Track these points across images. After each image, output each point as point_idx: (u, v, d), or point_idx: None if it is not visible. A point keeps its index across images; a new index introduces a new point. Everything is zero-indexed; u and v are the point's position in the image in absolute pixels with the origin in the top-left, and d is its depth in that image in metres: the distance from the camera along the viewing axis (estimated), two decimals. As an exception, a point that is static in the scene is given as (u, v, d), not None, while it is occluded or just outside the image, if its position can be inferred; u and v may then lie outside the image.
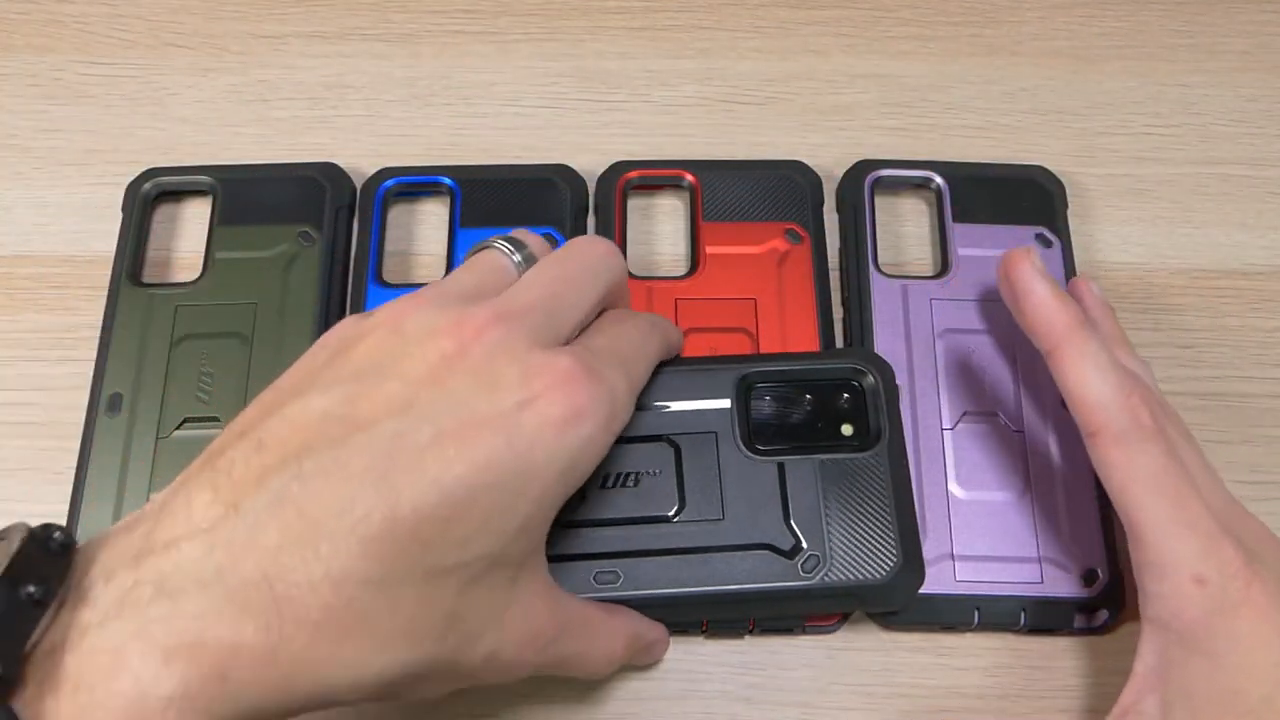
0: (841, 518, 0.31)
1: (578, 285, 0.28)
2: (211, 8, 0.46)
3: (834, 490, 0.31)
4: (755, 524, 0.31)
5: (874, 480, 0.32)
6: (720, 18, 0.46)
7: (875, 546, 0.31)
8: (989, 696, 0.34)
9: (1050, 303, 0.31)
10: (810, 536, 0.31)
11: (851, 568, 0.30)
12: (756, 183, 0.40)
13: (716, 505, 0.31)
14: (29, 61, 0.44)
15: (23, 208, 0.42)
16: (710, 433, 0.32)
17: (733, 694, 0.34)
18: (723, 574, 0.30)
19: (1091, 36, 0.45)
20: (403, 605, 0.23)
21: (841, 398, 0.33)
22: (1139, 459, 0.29)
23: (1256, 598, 0.28)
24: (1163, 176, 0.43)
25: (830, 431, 0.33)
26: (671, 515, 0.31)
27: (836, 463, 0.32)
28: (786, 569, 0.30)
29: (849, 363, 0.33)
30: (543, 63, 0.45)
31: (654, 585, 0.30)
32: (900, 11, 0.46)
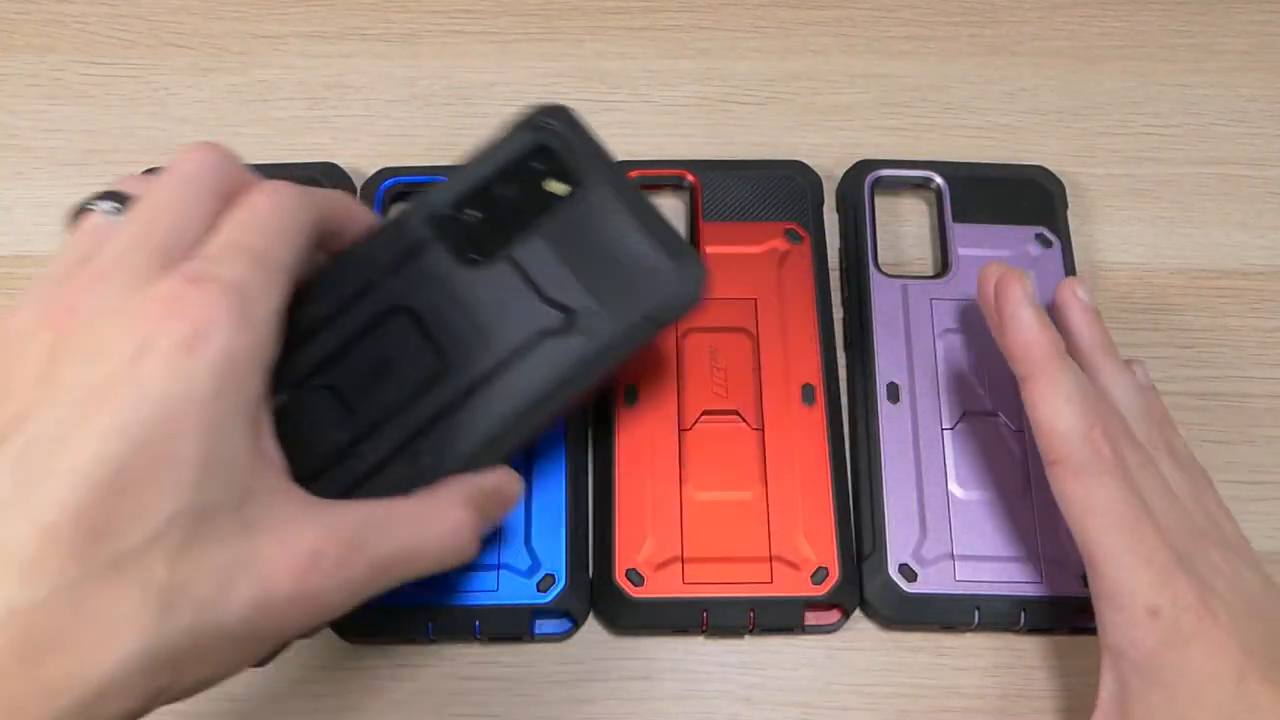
0: (595, 264, 0.30)
1: (173, 203, 0.26)
2: (211, 8, 0.46)
3: (573, 246, 0.30)
4: (520, 323, 0.29)
5: (604, 212, 0.30)
6: (720, 18, 0.46)
7: (640, 266, 0.30)
8: (989, 696, 0.34)
9: (1033, 329, 0.31)
10: (575, 299, 0.29)
11: (631, 298, 0.29)
12: (756, 183, 0.40)
13: (476, 332, 0.29)
14: (29, 61, 0.44)
15: (23, 208, 0.42)
16: (430, 275, 0.30)
17: (733, 694, 0.34)
18: (522, 387, 0.29)
19: (1091, 36, 0.45)
20: (97, 604, 0.21)
21: (532, 165, 0.31)
22: (1097, 492, 0.30)
23: (1209, 631, 0.28)
24: (1163, 176, 0.43)
25: (540, 199, 0.31)
26: (443, 370, 0.29)
27: (559, 221, 0.30)
28: (574, 342, 0.29)
29: (520, 136, 0.31)
30: (543, 63, 0.45)
31: (468, 440, 0.29)
32: (900, 11, 0.46)
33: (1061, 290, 0.36)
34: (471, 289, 0.30)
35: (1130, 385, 0.34)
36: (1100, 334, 0.35)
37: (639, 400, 0.36)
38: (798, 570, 0.34)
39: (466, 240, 0.30)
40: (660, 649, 0.35)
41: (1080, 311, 0.35)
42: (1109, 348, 0.35)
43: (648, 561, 0.34)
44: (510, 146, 0.31)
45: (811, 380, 0.37)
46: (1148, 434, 0.33)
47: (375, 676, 0.34)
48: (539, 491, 0.35)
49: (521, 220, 0.30)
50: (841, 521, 0.35)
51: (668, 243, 0.30)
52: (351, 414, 0.29)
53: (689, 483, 0.35)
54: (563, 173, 0.31)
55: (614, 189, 0.30)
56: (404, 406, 0.29)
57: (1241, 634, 0.28)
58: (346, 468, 0.28)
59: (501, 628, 0.34)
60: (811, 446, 0.36)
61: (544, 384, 0.29)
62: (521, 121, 0.31)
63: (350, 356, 0.29)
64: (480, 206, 0.30)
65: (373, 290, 0.30)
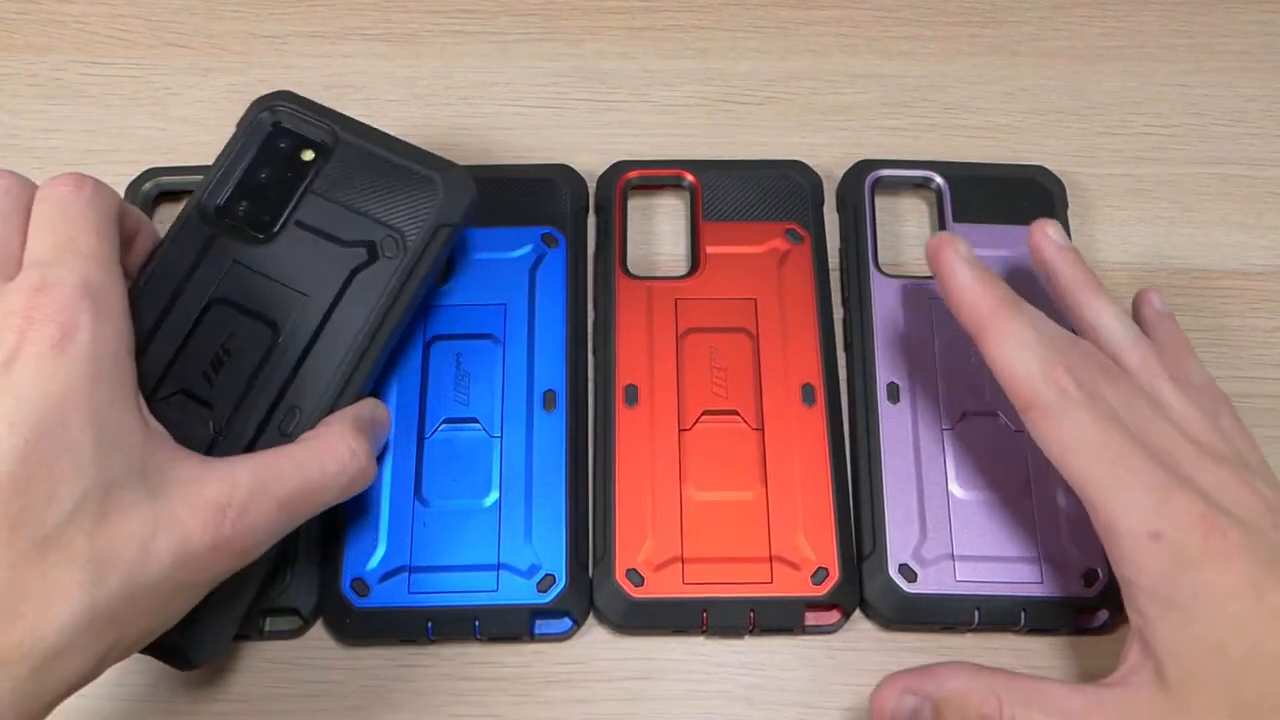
0: (373, 199, 0.34)
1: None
2: (211, 8, 0.46)
3: (348, 191, 0.34)
4: (330, 270, 0.33)
5: (361, 157, 0.34)
6: (720, 18, 0.46)
7: (412, 185, 0.34)
8: (989, 696, 0.34)
9: (973, 287, 0.31)
10: (370, 232, 0.33)
11: (417, 213, 0.34)
12: (756, 183, 0.40)
13: (293, 294, 0.32)
14: (29, 61, 0.44)
15: (23, 208, 0.42)
16: (230, 263, 0.33)
17: (733, 694, 0.34)
18: (354, 324, 0.32)
19: (1091, 36, 0.45)
20: (31, 580, 0.24)
21: (278, 144, 0.35)
22: (1070, 429, 0.29)
23: (1217, 546, 0.27)
24: (1163, 176, 0.43)
25: (299, 168, 0.34)
26: (276, 338, 0.32)
27: (325, 178, 0.34)
28: (383, 266, 0.33)
29: (255, 125, 0.35)
30: (543, 63, 0.45)
31: (324, 388, 0.32)
32: (900, 11, 0.46)
33: (1034, 234, 0.35)
34: (273, 260, 0.33)
35: (1115, 316, 0.33)
36: (1078, 271, 0.34)
37: (639, 400, 0.36)
38: (798, 570, 0.34)
39: (249, 224, 0.34)
40: (660, 649, 0.35)
41: (1054, 251, 0.35)
42: (1088, 283, 0.34)
43: (648, 561, 0.34)
44: (252, 136, 0.35)
45: (811, 380, 0.37)
46: (1144, 361, 0.32)
47: (375, 677, 0.34)
48: (539, 491, 0.35)
49: (291, 190, 0.34)
50: (841, 521, 0.35)
51: (426, 160, 0.34)
52: (210, 408, 0.31)
53: (689, 483, 0.35)
54: (309, 141, 0.35)
55: (360, 136, 0.35)
56: (254, 383, 0.32)
57: (1256, 547, 0.27)
58: (226, 451, 0.30)
59: (501, 628, 0.34)
60: (811, 446, 0.36)
61: (372, 313, 0.32)
62: (251, 114, 0.35)
63: (188, 358, 0.32)
64: (247, 195, 0.34)
65: (183, 294, 0.32)
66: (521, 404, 0.36)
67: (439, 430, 0.36)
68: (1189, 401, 0.31)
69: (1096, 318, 0.33)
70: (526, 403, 0.36)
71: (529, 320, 0.38)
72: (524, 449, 0.36)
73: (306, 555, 0.34)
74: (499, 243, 0.39)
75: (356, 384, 0.32)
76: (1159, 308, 0.36)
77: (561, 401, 0.36)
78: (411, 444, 0.36)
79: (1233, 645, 0.27)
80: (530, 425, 0.36)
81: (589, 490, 0.36)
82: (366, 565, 0.34)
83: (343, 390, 0.32)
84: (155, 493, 0.26)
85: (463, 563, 0.34)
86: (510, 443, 0.36)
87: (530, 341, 0.37)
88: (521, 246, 0.39)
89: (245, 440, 0.31)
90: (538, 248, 0.39)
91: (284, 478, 0.28)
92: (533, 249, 0.39)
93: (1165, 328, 0.35)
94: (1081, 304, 0.34)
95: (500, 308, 0.38)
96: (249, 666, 0.34)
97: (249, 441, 0.31)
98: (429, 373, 0.37)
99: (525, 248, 0.39)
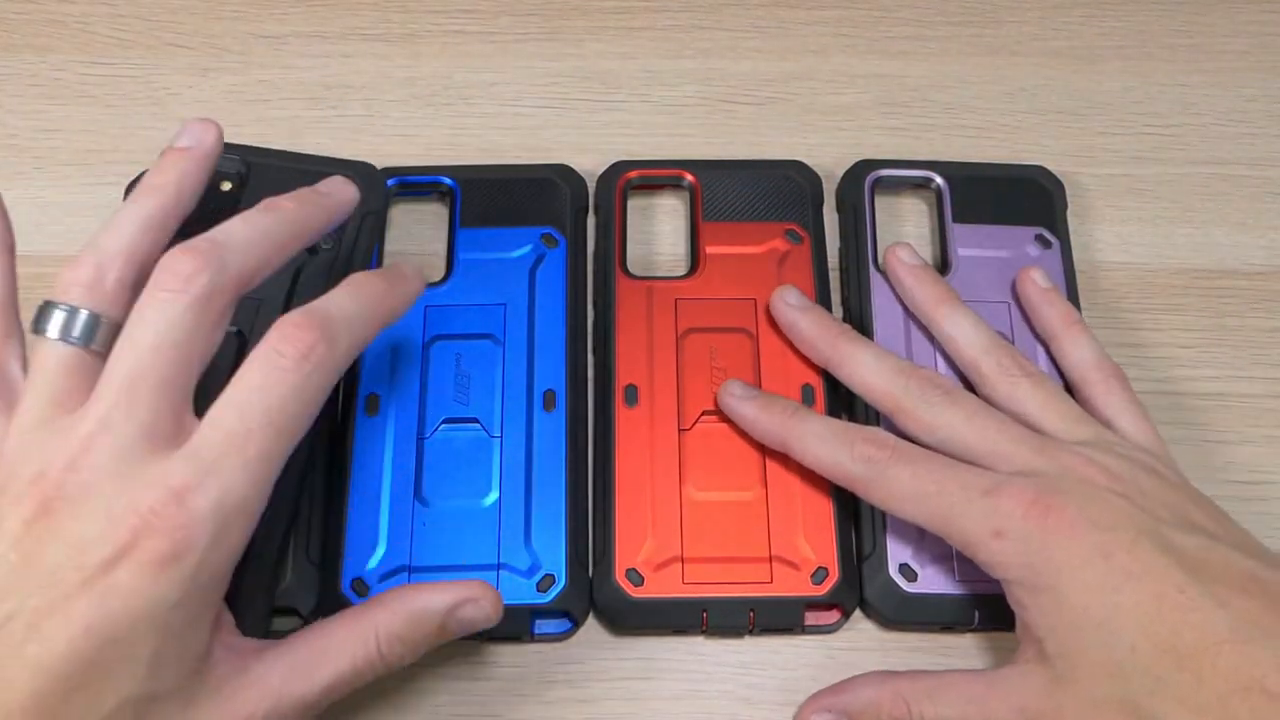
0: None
1: (162, 352, 0.26)
2: (211, 8, 0.46)
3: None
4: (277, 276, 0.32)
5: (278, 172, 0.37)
6: (720, 18, 0.46)
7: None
8: (989, 696, 0.34)
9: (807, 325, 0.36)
10: None
11: None
12: (756, 183, 0.40)
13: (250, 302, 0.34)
14: (29, 61, 0.44)
15: (23, 208, 0.41)
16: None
17: (733, 694, 0.34)
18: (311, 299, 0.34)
19: (1091, 36, 0.45)
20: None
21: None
22: (891, 487, 0.31)
23: (1056, 524, 0.29)
24: (1163, 176, 0.43)
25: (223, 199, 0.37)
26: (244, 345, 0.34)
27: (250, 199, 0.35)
28: (324, 258, 0.36)
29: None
30: (543, 63, 0.45)
31: None
32: (900, 11, 0.46)
33: (888, 257, 0.37)
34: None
35: (971, 327, 0.35)
36: (931, 288, 0.36)
37: (639, 400, 0.36)
38: (798, 570, 0.34)
39: None
40: (660, 649, 0.35)
41: (905, 271, 0.37)
42: (941, 297, 0.36)
43: (648, 561, 0.34)
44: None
45: (812, 380, 0.37)
46: (999, 366, 0.34)
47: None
48: (539, 491, 0.35)
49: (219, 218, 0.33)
50: (841, 521, 0.35)
51: (337, 165, 0.38)
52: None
53: (689, 483, 0.35)
54: (223, 172, 0.37)
55: (269, 158, 0.38)
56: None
57: (1095, 516, 0.29)
58: None
59: (501, 628, 0.34)
60: (811, 446, 0.36)
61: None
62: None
63: None
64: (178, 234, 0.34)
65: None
66: (521, 404, 0.36)
67: (439, 430, 0.36)
68: (1047, 394, 0.33)
69: (953, 329, 0.35)
70: (526, 403, 0.36)
71: (529, 320, 0.38)
72: (524, 449, 0.36)
73: (306, 555, 0.34)
74: (499, 243, 0.39)
75: None
76: (1042, 284, 0.37)
77: (561, 401, 0.36)
78: (411, 444, 0.36)
79: (1095, 608, 0.28)
80: (530, 425, 0.36)
81: (589, 490, 0.36)
82: (366, 565, 0.34)
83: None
84: (191, 704, 0.26)
85: (462, 563, 0.34)
86: (510, 443, 0.36)
87: (530, 341, 0.37)
88: (521, 246, 0.39)
89: None
90: (537, 248, 0.39)
91: (310, 679, 0.28)
92: (532, 249, 0.39)
93: (1050, 303, 0.37)
94: (937, 319, 0.36)
95: (500, 308, 0.38)
96: (249, 666, 0.34)
97: None
98: (429, 373, 0.37)
99: (525, 248, 0.39)
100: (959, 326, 0.35)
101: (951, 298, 0.36)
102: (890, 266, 0.37)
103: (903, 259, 0.37)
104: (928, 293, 0.36)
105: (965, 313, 0.36)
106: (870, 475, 0.32)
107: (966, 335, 0.35)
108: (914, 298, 0.36)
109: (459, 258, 0.39)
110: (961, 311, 0.36)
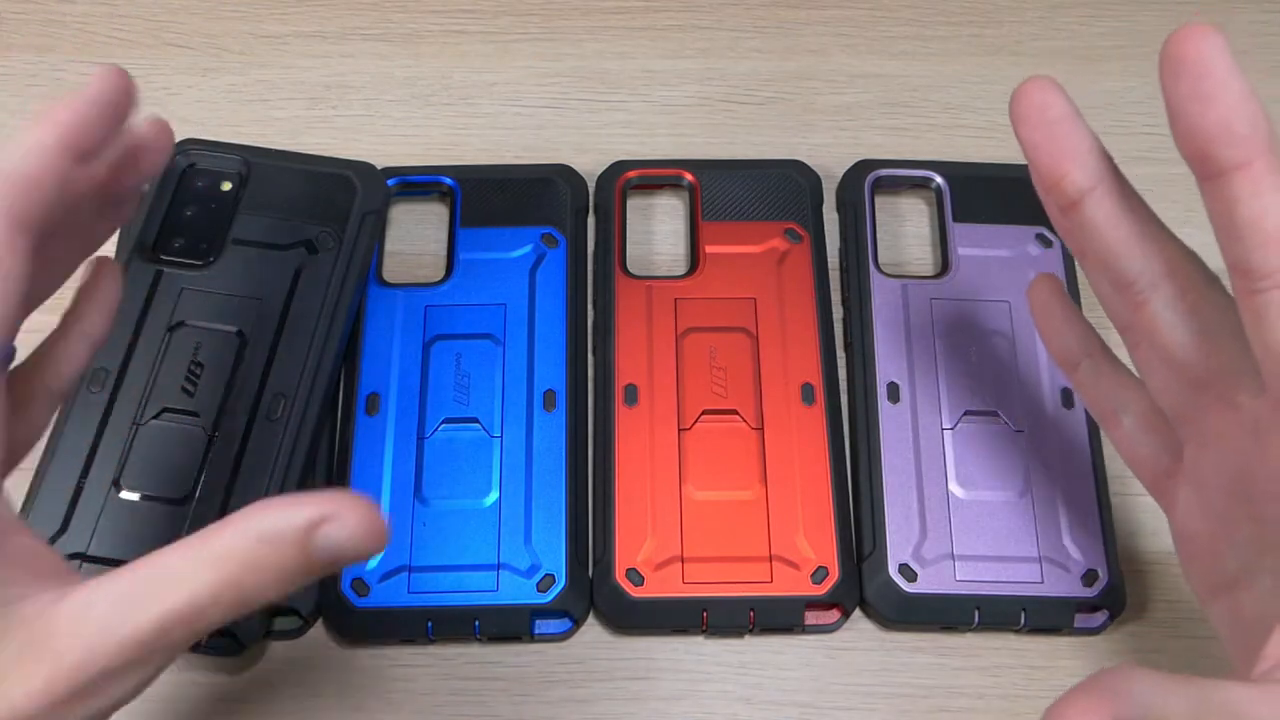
0: (298, 206, 0.37)
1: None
2: (211, 8, 0.46)
3: (274, 205, 0.37)
4: (277, 272, 0.36)
5: (276, 174, 0.38)
6: (720, 18, 0.46)
7: (330, 186, 0.38)
8: (989, 696, 0.34)
9: (1236, 96, 0.22)
10: (306, 231, 0.37)
11: (345, 207, 0.37)
12: (756, 182, 0.40)
13: (252, 301, 0.36)
14: (29, 61, 0.44)
15: (23, 208, 0.42)
16: (182, 290, 0.36)
17: (733, 694, 0.34)
18: (313, 311, 0.35)
19: (1091, 36, 0.45)
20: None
21: (194, 183, 0.38)
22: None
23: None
24: (1163, 176, 0.43)
25: (221, 198, 0.38)
26: (245, 340, 0.35)
27: (249, 199, 0.38)
28: (325, 258, 0.36)
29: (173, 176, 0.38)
30: (543, 63, 0.45)
31: (302, 370, 0.35)
32: (900, 11, 0.46)
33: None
34: (221, 277, 0.36)
35: None
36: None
37: (639, 400, 0.36)
38: (798, 570, 0.34)
39: (188, 255, 0.37)
40: (660, 649, 0.35)
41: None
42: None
43: (648, 561, 0.34)
44: (168, 180, 0.38)
45: (811, 380, 0.37)
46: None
47: (375, 677, 0.34)
48: (539, 491, 0.35)
49: (219, 217, 0.37)
50: (841, 521, 0.35)
51: (336, 164, 0.38)
52: (196, 416, 0.34)
53: (689, 482, 0.35)
54: (223, 173, 0.38)
55: (270, 158, 0.38)
56: (233, 384, 0.35)
57: None
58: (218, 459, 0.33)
59: (501, 628, 0.34)
60: (811, 446, 0.36)
61: (326, 298, 0.36)
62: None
63: (163, 379, 0.35)
64: (179, 231, 0.37)
65: (145, 326, 0.35)
66: (521, 404, 0.36)
67: (439, 430, 0.36)
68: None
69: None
70: (526, 403, 0.36)
71: (529, 320, 0.38)
72: (524, 449, 0.36)
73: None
74: (499, 243, 0.39)
75: (329, 361, 0.35)
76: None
77: (561, 401, 0.36)
78: (411, 444, 0.36)
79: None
80: (530, 425, 0.36)
81: (589, 490, 0.36)
82: (366, 565, 0.34)
83: (319, 366, 0.35)
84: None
85: (463, 562, 0.34)
86: (510, 443, 0.36)
87: (530, 341, 0.37)
88: (522, 246, 0.39)
89: (240, 435, 0.34)
90: (538, 248, 0.39)
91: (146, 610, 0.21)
92: (533, 249, 0.39)
93: None
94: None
95: (500, 308, 0.38)
96: (249, 667, 0.34)
97: (244, 434, 0.34)
98: (429, 373, 0.37)
99: (525, 248, 0.39)
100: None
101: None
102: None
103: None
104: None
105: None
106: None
107: None
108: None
109: (459, 258, 0.39)
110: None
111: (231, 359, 0.35)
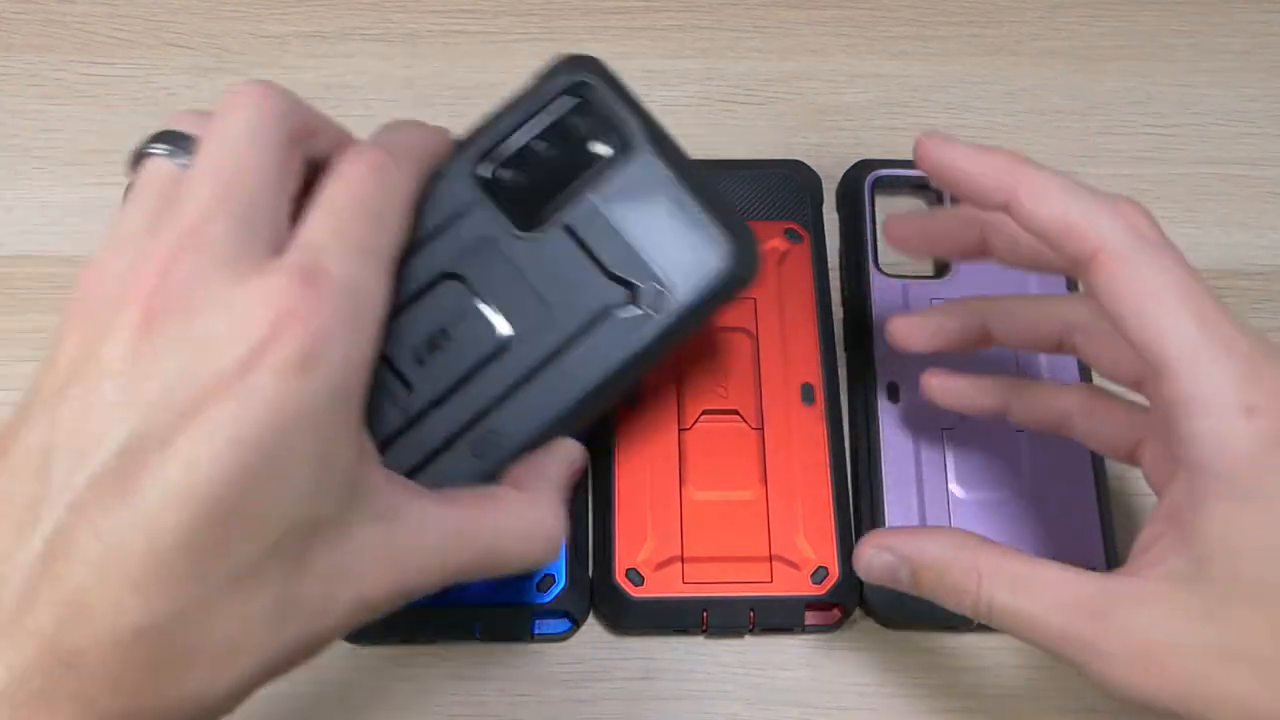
0: (651, 235, 0.28)
1: (247, 161, 0.23)
2: (211, 8, 0.46)
3: (626, 214, 0.28)
4: (583, 297, 0.28)
5: (654, 178, 0.28)
6: (720, 18, 0.46)
7: (698, 239, 0.28)
8: (989, 696, 0.34)
9: (974, 154, 0.27)
10: (637, 274, 0.28)
11: (692, 274, 0.28)
12: (756, 182, 0.40)
13: (538, 305, 0.28)
14: (29, 61, 0.44)
15: (23, 208, 0.42)
16: (481, 241, 0.28)
17: (733, 694, 0.34)
18: (591, 365, 0.28)
19: (1091, 36, 0.45)
20: (218, 622, 0.21)
21: (572, 123, 0.29)
22: (1150, 273, 0.24)
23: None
24: (1163, 176, 0.43)
25: (585, 158, 0.28)
26: (506, 345, 0.28)
27: (610, 186, 0.28)
28: (637, 319, 0.28)
29: (552, 90, 0.29)
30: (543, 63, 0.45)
31: (537, 421, 0.27)
32: (900, 11, 0.46)
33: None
34: (528, 257, 0.28)
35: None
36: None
37: (639, 400, 0.36)
38: (798, 569, 0.34)
39: (513, 203, 0.28)
40: (660, 649, 0.35)
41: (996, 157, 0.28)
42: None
43: (648, 561, 0.34)
44: (546, 102, 0.29)
45: (811, 380, 0.37)
46: None
47: (375, 677, 0.34)
48: (539, 491, 0.35)
49: (568, 183, 0.28)
50: (841, 521, 0.35)
51: (721, 213, 0.28)
52: (409, 389, 0.27)
53: (689, 482, 0.35)
54: (604, 131, 0.29)
55: (664, 153, 0.29)
56: (466, 383, 0.28)
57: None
58: (409, 446, 0.27)
59: (501, 628, 0.34)
60: (811, 446, 0.36)
61: (612, 363, 0.28)
62: (551, 73, 0.29)
63: (404, 325, 0.27)
64: (524, 168, 0.29)
65: (422, 251, 0.28)
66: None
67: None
68: None
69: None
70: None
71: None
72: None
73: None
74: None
75: (568, 432, 0.29)
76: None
77: (562, 401, 0.36)
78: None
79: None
80: (530, 425, 0.36)
81: (589, 490, 0.36)
82: (366, 565, 0.34)
83: (554, 432, 0.28)
84: (348, 534, 0.23)
85: (463, 562, 0.34)
86: (510, 443, 0.35)
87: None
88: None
89: (428, 448, 0.27)
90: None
91: (474, 541, 0.25)
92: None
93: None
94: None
95: (500, 308, 0.37)
96: (249, 666, 0.34)
97: (432, 451, 0.27)
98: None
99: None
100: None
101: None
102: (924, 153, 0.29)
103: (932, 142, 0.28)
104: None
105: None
106: (1130, 248, 0.24)
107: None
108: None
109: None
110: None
111: (483, 355, 0.28)
